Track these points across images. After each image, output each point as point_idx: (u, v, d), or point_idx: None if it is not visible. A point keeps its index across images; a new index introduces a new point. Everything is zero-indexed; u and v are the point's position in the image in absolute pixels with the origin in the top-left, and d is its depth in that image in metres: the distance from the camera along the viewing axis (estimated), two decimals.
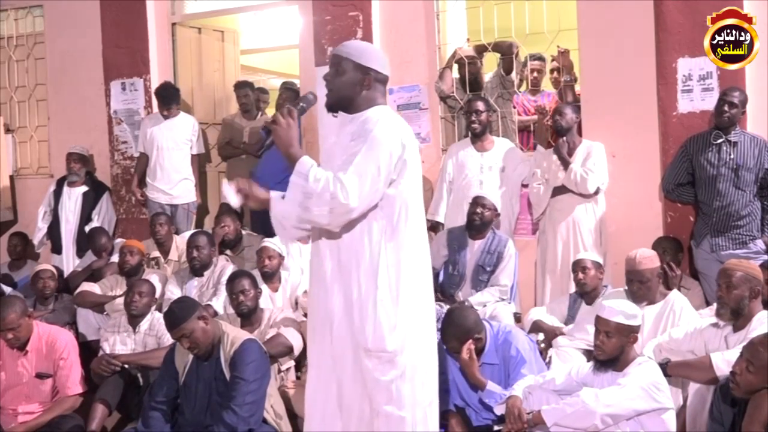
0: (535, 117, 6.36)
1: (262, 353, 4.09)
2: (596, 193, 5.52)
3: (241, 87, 7.41)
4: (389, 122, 2.92)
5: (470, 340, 4.00)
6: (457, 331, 4.05)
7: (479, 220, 5.33)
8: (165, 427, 4.03)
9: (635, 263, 4.37)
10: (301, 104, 3.06)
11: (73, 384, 4.52)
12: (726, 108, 5.06)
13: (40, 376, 4.49)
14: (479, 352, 4.08)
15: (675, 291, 4.51)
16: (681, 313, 4.28)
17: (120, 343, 4.93)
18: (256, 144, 7.12)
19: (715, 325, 3.92)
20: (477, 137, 5.85)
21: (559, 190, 5.55)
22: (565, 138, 5.56)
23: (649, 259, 4.39)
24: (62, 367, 4.51)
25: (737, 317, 3.80)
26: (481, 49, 6.43)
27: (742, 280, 3.79)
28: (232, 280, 4.92)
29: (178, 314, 4.00)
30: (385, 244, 2.89)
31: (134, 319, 5.00)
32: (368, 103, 3.00)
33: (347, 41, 3.18)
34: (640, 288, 4.33)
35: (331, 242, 2.95)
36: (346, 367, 2.93)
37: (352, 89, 2.99)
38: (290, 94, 7.01)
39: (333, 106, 3.04)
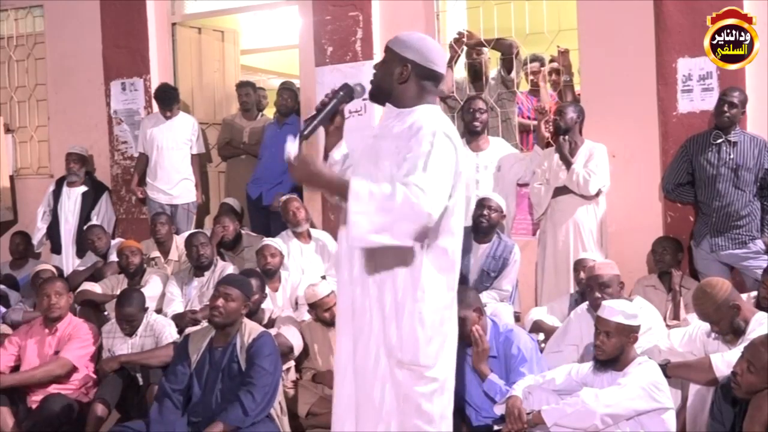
0: (535, 122, 6.36)
1: (276, 347, 4.18)
2: (597, 194, 5.51)
3: (243, 86, 7.44)
4: (443, 128, 2.75)
5: (476, 314, 4.00)
6: (462, 294, 4.05)
7: (486, 222, 5.25)
8: (177, 415, 4.04)
9: (592, 269, 4.37)
10: (340, 93, 2.91)
11: (76, 356, 4.69)
12: (726, 108, 5.06)
13: (57, 353, 4.68)
14: None
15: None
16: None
17: (117, 347, 4.90)
18: (255, 144, 7.15)
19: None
20: (473, 137, 5.83)
21: (561, 191, 5.52)
22: (566, 137, 5.54)
23: (607, 265, 4.39)
24: (76, 339, 4.73)
25: (737, 333, 3.79)
26: (481, 43, 6.41)
27: (718, 310, 3.76)
28: None
29: (239, 282, 4.21)
30: (427, 253, 2.76)
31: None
32: (413, 100, 2.85)
33: (406, 32, 2.96)
34: (600, 297, 4.22)
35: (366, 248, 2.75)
36: (381, 377, 2.80)
37: (389, 81, 2.85)
38: (290, 94, 7.01)
39: (371, 97, 2.92)
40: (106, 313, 5.68)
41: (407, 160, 2.67)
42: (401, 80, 2.84)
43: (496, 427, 3.95)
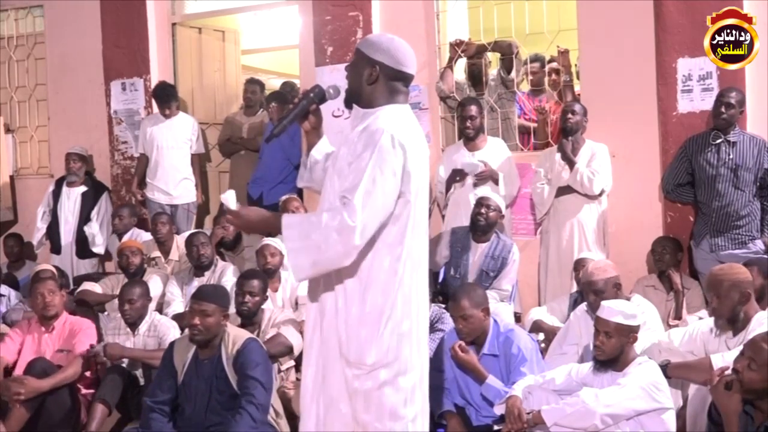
0: (536, 124, 6.36)
1: (264, 352, 4.14)
2: (601, 194, 5.51)
3: (251, 83, 7.51)
4: (395, 131, 2.75)
5: (483, 313, 4.04)
6: (473, 292, 4.10)
7: (484, 220, 5.29)
8: (165, 427, 4.02)
9: (588, 274, 4.33)
10: (310, 94, 2.99)
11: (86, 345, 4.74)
12: (723, 109, 5.06)
13: (61, 351, 4.75)
14: (481, 344, 4.09)
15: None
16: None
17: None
18: (254, 139, 7.15)
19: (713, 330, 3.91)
20: (470, 139, 5.83)
21: (563, 190, 5.53)
22: (569, 138, 5.52)
23: (601, 269, 4.31)
24: (83, 332, 4.78)
25: (735, 324, 3.79)
26: (481, 49, 6.42)
27: (730, 288, 3.75)
28: (246, 277, 4.88)
29: (213, 295, 4.08)
30: (374, 259, 2.78)
31: (133, 323, 5.00)
32: (379, 101, 2.86)
33: (376, 34, 3.02)
34: (596, 300, 4.21)
35: None
36: (336, 375, 2.86)
37: (358, 82, 2.88)
38: (275, 108, 6.83)
39: (345, 99, 2.95)
40: (106, 313, 5.68)
41: (350, 174, 2.74)
42: (370, 81, 2.86)
43: (496, 427, 3.95)
